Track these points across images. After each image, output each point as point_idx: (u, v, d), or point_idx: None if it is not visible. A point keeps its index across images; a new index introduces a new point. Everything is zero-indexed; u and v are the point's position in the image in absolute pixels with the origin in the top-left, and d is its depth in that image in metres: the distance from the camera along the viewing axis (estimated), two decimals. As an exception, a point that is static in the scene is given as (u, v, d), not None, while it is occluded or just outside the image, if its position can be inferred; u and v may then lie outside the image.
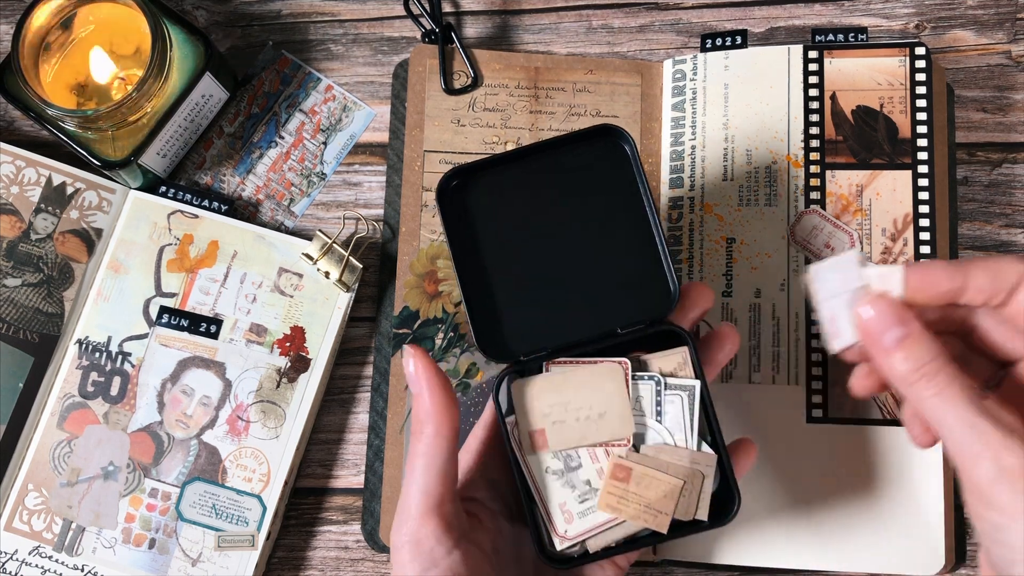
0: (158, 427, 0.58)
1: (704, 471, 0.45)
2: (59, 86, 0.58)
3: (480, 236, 0.48)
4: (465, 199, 0.48)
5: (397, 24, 0.65)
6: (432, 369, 0.45)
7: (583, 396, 0.46)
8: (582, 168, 0.48)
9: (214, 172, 0.63)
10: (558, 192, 0.48)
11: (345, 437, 0.61)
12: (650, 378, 0.46)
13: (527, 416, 0.46)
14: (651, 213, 0.48)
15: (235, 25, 0.65)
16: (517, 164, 0.48)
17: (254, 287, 0.60)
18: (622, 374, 0.46)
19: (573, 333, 0.47)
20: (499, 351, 0.47)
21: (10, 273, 0.60)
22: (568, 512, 0.46)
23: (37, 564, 0.57)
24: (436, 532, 0.43)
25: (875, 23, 0.63)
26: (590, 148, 0.48)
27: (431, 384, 0.44)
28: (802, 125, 0.60)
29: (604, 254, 0.48)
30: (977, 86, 0.62)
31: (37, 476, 0.58)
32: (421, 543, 0.43)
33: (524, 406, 0.46)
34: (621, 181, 0.48)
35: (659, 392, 0.46)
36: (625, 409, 0.46)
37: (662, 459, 0.45)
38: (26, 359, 0.59)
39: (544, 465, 0.46)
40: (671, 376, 0.47)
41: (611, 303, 0.48)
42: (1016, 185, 0.62)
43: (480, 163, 0.48)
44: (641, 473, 0.45)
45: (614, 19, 0.64)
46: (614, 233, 0.48)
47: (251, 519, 0.58)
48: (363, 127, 0.63)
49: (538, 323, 0.47)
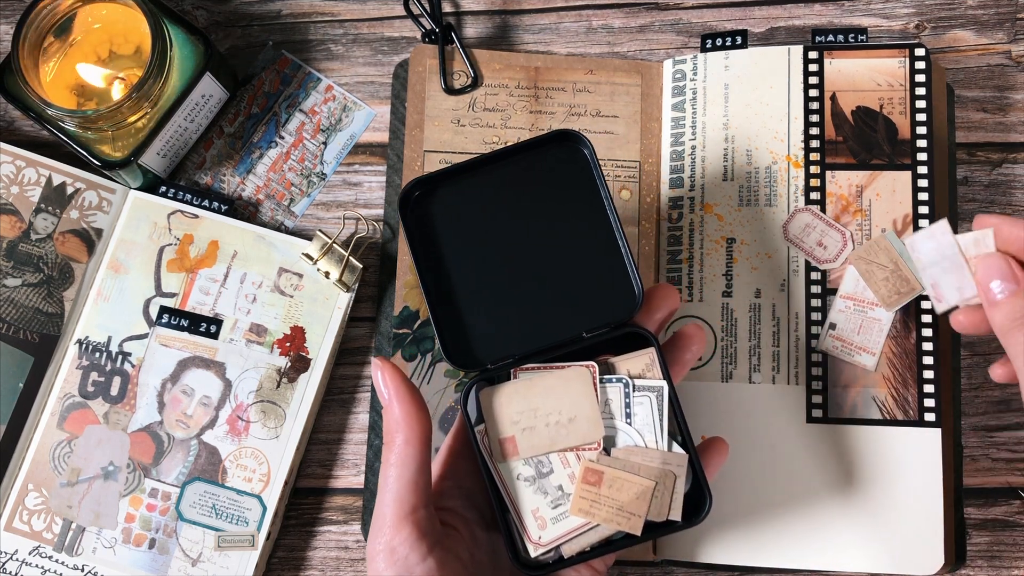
0: (158, 427, 0.58)
1: (676, 471, 0.45)
2: (59, 86, 0.58)
3: (444, 245, 0.48)
4: (428, 209, 0.48)
5: (397, 24, 0.65)
6: (399, 378, 0.45)
7: (552, 401, 0.46)
8: (543, 174, 0.49)
9: (214, 172, 0.63)
10: (520, 199, 0.49)
11: (345, 437, 0.61)
12: (618, 380, 0.47)
13: (496, 424, 0.46)
14: (612, 216, 0.48)
15: (235, 25, 0.65)
16: (479, 172, 0.49)
17: (254, 287, 0.60)
18: (590, 378, 0.46)
19: (540, 339, 0.47)
20: (466, 360, 0.47)
21: (10, 273, 0.60)
22: (541, 518, 0.46)
23: (37, 564, 0.57)
24: (410, 539, 0.44)
25: (875, 23, 0.63)
26: (550, 154, 0.49)
27: (399, 394, 0.45)
28: (802, 125, 0.60)
29: (568, 259, 0.48)
30: (977, 86, 0.62)
31: (37, 476, 0.58)
32: (395, 550, 0.44)
33: (493, 414, 0.46)
34: (582, 186, 0.49)
35: (627, 394, 0.46)
36: (594, 413, 0.46)
37: (633, 461, 0.46)
38: (26, 359, 0.59)
39: (515, 472, 0.46)
40: (639, 378, 0.47)
41: (576, 307, 0.48)
42: (1016, 185, 0.62)
43: (441, 172, 0.48)
44: (612, 476, 0.45)
45: (614, 19, 0.64)
46: (577, 238, 0.48)
47: (251, 519, 0.58)
48: (363, 127, 0.63)
49: (505, 330, 0.48)
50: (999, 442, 0.59)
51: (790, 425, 0.57)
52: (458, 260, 0.48)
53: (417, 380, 0.59)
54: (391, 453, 0.45)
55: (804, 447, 0.57)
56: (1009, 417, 0.60)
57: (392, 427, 0.45)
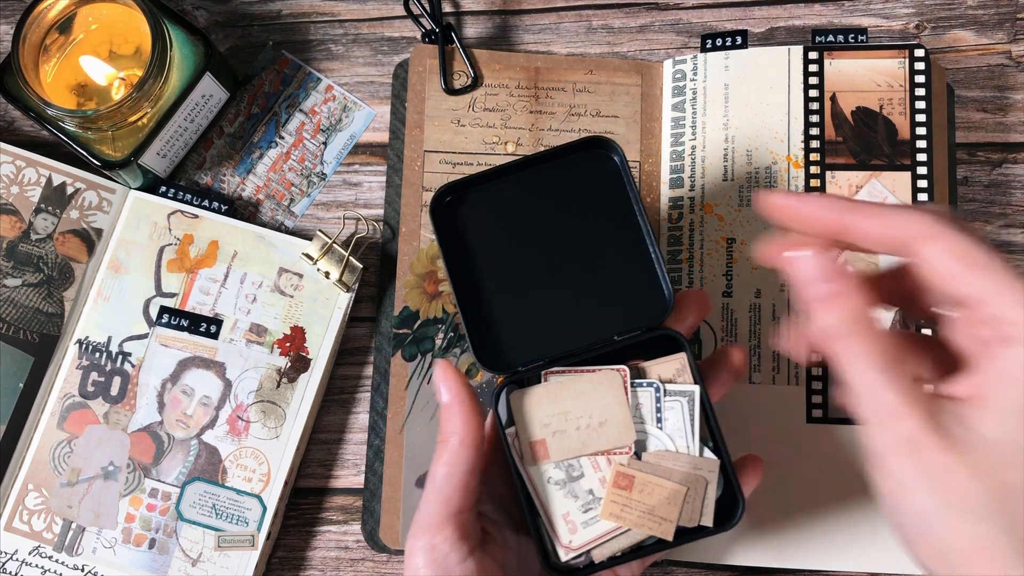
0: (158, 427, 0.58)
1: (707, 476, 0.45)
2: (59, 86, 0.58)
3: (475, 249, 0.48)
4: (459, 214, 0.48)
5: (397, 24, 0.65)
6: (462, 381, 0.46)
7: (582, 405, 0.46)
8: (573, 179, 0.49)
9: (214, 172, 0.63)
10: (551, 204, 0.49)
11: (345, 437, 0.61)
12: (649, 385, 0.46)
13: (527, 427, 0.46)
14: (643, 221, 0.48)
15: (235, 25, 0.65)
16: (509, 178, 0.49)
17: (254, 287, 0.60)
18: (621, 381, 0.46)
19: (570, 342, 0.47)
20: (496, 362, 0.47)
21: (10, 273, 0.60)
22: (572, 522, 0.45)
23: (37, 564, 0.57)
24: (452, 539, 0.44)
25: (875, 23, 0.63)
26: (580, 160, 0.49)
27: (461, 396, 0.45)
28: (802, 126, 0.60)
29: (598, 263, 0.48)
30: (977, 86, 0.62)
31: (37, 476, 0.58)
32: (436, 548, 0.44)
33: (524, 417, 0.46)
34: (612, 191, 0.49)
35: (658, 399, 0.46)
36: (625, 416, 0.46)
37: (664, 466, 0.45)
38: (26, 359, 0.59)
39: (546, 476, 0.46)
40: (670, 382, 0.47)
41: (607, 311, 0.48)
42: (1016, 185, 0.62)
43: (472, 178, 0.48)
44: (644, 480, 0.45)
45: (614, 19, 0.64)
46: (607, 242, 0.48)
47: (251, 519, 0.58)
48: (363, 127, 0.63)
49: (535, 333, 0.48)
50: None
51: (790, 425, 0.57)
52: (489, 263, 0.48)
53: (417, 380, 0.59)
54: (444, 452, 0.45)
55: (804, 447, 0.57)
56: (1009, 417, 0.60)
57: (449, 427, 0.45)
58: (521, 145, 0.62)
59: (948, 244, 0.36)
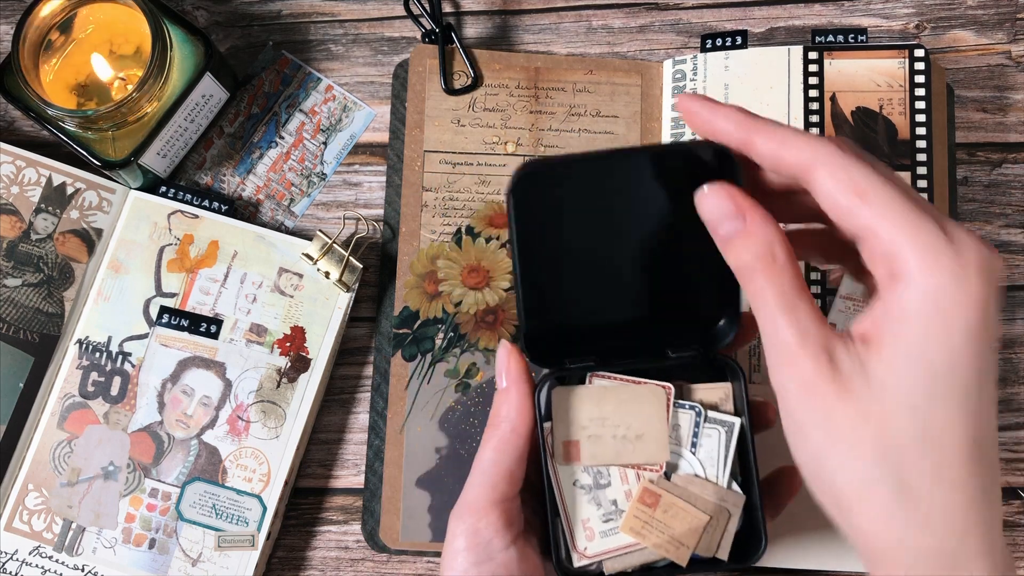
0: (158, 427, 0.58)
1: (731, 510, 0.44)
2: (59, 86, 0.58)
3: (546, 235, 0.43)
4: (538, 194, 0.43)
5: (397, 24, 0.65)
6: (524, 367, 0.45)
7: (622, 414, 0.45)
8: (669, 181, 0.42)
9: (214, 172, 0.63)
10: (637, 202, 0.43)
11: (345, 437, 0.61)
12: (691, 408, 0.45)
13: (565, 425, 0.45)
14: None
15: (235, 25, 0.65)
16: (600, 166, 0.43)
17: (254, 287, 0.60)
18: (664, 398, 0.45)
19: (623, 348, 0.45)
20: (546, 355, 0.46)
21: (10, 273, 0.60)
22: (591, 529, 0.45)
23: (37, 564, 0.57)
24: (496, 524, 0.43)
25: (875, 23, 0.63)
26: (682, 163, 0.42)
27: (520, 382, 0.45)
28: (802, 126, 0.60)
29: (670, 273, 0.45)
30: (977, 86, 0.62)
31: (37, 476, 0.58)
32: (480, 532, 0.43)
33: (563, 415, 0.45)
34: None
35: (697, 423, 0.45)
36: (663, 434, 0.45)
37: (691, 491, 0.44)
38: (26, 359, 0.59)
39: (574, 478, 0.45)
40: (713, 408, 0.45)
41: (667, 324, 0.46)
42: (1016, 185, 0.62)
43: (561, 159, 0.43)
44: (669, 502, 0.44)
45: (614, 19, 0.64)
46: (686, 254, 0.44)
47: (251, 519, 0.58)
48: (363, 127, 0.63)
49: (589, 331, 0.46)
50: (999, 442, 0.59)
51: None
52: (557, 252, 0.44)
53: (417, 380, 0.59)
54: (494, 437, 0.44)
55: (804, 447, 0.57)
56: (1009, 417, 0.60)
57: (502, 412, 0.45)
58: (521, 145, 0.62)
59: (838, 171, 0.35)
